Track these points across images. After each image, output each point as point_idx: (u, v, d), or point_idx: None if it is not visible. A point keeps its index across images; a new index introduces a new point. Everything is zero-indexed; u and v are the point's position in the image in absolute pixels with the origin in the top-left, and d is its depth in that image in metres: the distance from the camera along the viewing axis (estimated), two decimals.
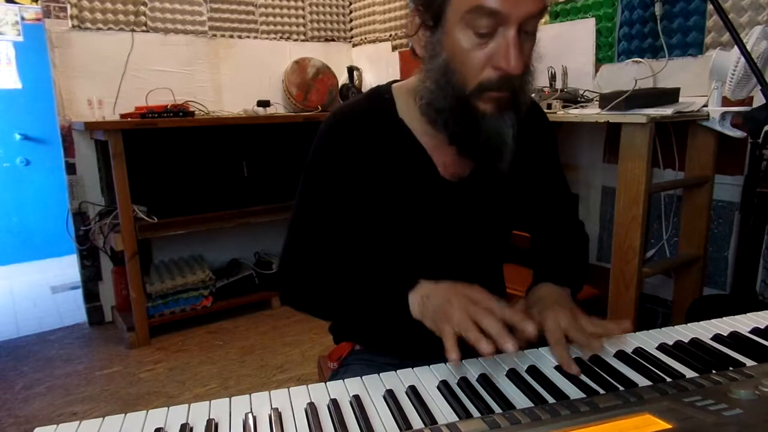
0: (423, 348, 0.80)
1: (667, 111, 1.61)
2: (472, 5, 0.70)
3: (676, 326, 0.82)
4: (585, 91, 2.09)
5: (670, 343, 0.76)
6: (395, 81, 0.94)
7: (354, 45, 3.46)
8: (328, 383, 0.69)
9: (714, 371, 0.65)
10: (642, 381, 0.67)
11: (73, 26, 2.62)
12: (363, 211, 0.89)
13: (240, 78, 3.09)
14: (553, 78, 2.11)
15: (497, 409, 0.62)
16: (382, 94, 0.91)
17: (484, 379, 0.68)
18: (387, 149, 0.88)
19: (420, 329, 0.75)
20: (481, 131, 0.79)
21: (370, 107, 0.90)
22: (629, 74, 2.00)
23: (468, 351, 0.73)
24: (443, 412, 0.62)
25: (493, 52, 0.72)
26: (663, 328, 0.81)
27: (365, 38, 3.35)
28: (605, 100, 1.67)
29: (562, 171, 1.05)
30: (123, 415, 0.62)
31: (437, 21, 0.75)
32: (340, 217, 0.89)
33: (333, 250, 0.90)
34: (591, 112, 1.74)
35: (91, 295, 2.84)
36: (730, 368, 0.65)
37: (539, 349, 0.77)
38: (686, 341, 0.77)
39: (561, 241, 1.03)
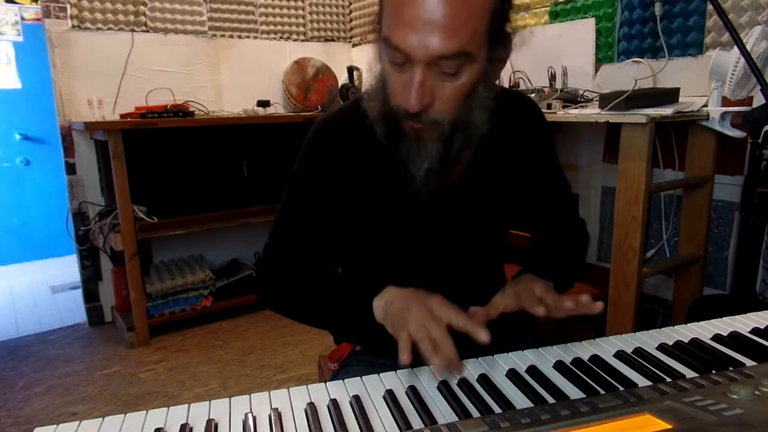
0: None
1: (667, 111, 1.61)
2: (384, 35, 0.72)
3: (676, 326, 0.82)
4: (585, 91, 2.09)
5: (670, 343, 0.76)
6: None
7: (354, 45, 3.46)
8: (328, 383, 0.69)
9: (714, 371, 0.65)
10: (642, 381, 0.67)
11: (73, 26, 2.61)
12: (349, 219, 0.90)
13: (240, 78, 3.09)
14: (553, 78, 2.12)
15: (497, 409, 0.62)
16: None
17: (484, 379, 0.69)
18: (373, 157, 0.87)
19: None
20: (399, 149, 0.80)
21: (356, 114, 0.89)
22: (629, 74, 2.00)
23: (466, 352, 0.73)
24: (443, 412, 0.62)
25: (402, 84, 0.73)
26: (663, 328, 0.81)
27: (365, 38, 3.34)
28: (605, 100, 1.67)
29: (560, 170, 1.05)
30: (123, 415, 0.62)
31: (378, 36, 0.76)
32: (323, 224, 0.90)
33: (313, 256, 0.91)
34: (591, 112, 1.74)
35: (91, 295, 2.84)
36: (730, 368, 0.65)
37: (539, 349, 0.77)
38: (686, 341, 0.77)
39: (556, 240, 1.04)
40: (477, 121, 0.78)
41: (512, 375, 0.70)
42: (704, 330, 0.81)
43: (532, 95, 1.96)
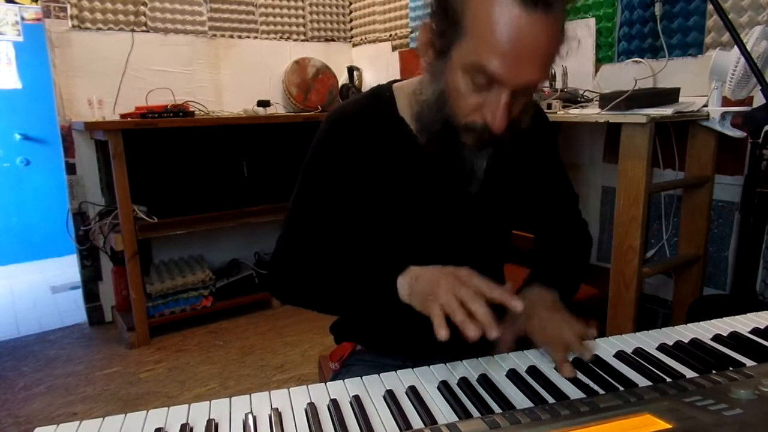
0: (425, 348, 0.80)
1: (667, 111, 1.61)
2: (473, 61, 0.71)
3: (676, 326, 0.82)
4: (585, 91, 2.09)
5: (670, 343, 0.76)
6: (396, 80, 0.95)
7: (354, 45, 3.46)
8: (328, 383, 0.69)
9: (714, 371, 0.65)
10: (642, 381, 0.67)
11: (73, 26, 2.61)
12: (361, 208, 0.90)
13: (240, 78, 3.09)
14: (553, 78, 2.11)
15: (497, 409, 0.62)
16: (383, 93, 0.92)
17: (484, 379, 0.69)
18: (387, 148, 0.88)
19: (421, 327, 0.74)
20: (457, 160, 0.82)
21: (370, 106, 0.91)
22: (629, 74, 2.00)
23: (466, 352, 0.73)
24: (443, 412, 0.62)
25: (484, 103, 0.74)
26: (663, 328, 0.81)
27: (365, 38, 3.35)
28: (605, 100, 1.67)
29: (564, 171, 1.05)
30: (123, 415, 0.62)
31: (444, 52, 0.76)
32: (337, 213, 0.90)
33: (327, 243, 0.91)
34: (591, 112, 1.74)
35: (91, 295, 2.84)
36: (730, 368, 0.65)
37: (539, 348, 0.77)
38: (686, 341, 0.77)
39: (560, 242, 1.04)
40: (526, 123, 0.81)
41: (512, 375, 0.70)
42: (704, 330, 0.81)
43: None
